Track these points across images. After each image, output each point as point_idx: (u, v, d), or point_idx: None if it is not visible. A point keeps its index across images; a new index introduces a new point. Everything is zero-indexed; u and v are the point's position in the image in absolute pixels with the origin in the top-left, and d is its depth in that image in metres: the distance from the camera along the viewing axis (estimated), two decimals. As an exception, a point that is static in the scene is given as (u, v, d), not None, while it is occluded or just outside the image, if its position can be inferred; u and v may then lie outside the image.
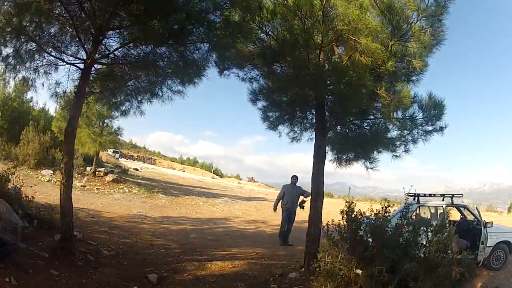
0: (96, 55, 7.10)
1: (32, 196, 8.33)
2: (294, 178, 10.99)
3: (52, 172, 19.15)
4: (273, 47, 6.92)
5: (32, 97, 26.69)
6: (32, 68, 7.80)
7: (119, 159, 42.92)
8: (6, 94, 24.97)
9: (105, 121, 22.01)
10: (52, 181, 17.33)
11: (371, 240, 5.07)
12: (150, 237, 10.35)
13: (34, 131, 20.79)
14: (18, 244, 5.58)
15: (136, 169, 34.93)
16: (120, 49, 7.52)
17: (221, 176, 61.42)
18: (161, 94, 8.28)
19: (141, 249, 8.66)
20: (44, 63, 7.72)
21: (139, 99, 8.75)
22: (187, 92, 8.29)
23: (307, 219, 7.12)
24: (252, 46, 7.39)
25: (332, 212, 6.44)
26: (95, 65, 7.57)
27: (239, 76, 8.11)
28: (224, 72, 7.98)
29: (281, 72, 7.41)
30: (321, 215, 7.00)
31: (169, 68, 7.61)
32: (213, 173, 61.49)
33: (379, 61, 5.99)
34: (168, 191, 22.58)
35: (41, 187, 12.26)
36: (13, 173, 8.35)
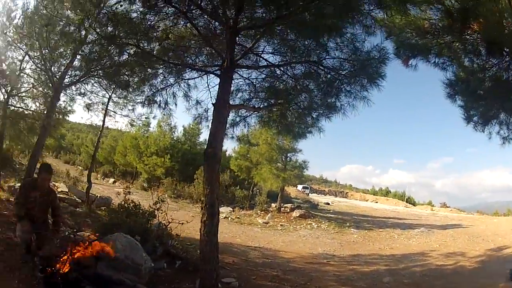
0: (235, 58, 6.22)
1: (176, 234, 7.95)
2: None
3: (231, 209, 19.67)
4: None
5: (205, 139, 28.93)
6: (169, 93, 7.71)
7: (309, 194, 42.79)
8: (175, 138, 27.70)
9: (288, 155, 21.67)
10: (229, 218, 17.69)
11: None
12: (333, 284, 8.43)
13: None
14: (137, 286, 5.03)
15: (327, 203, 34.16)
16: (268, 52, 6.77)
17: (414, 204, 57.56)
18: (339, 106, 6.89)
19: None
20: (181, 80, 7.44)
21: (313, 115, 7.45)
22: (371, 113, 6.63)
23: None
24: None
25: None
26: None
27: (429, 62, 6.74)
28: (410, 62, 6.73)
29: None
30: None
31: (342, 69, 6.42)
32: (406, 201, 58.28)
33: None
34: (361, 225, 20.68)
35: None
36: (159, 208, 7.99)
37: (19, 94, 12.20)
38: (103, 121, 13.62)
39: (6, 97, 11.77)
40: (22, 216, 5.03)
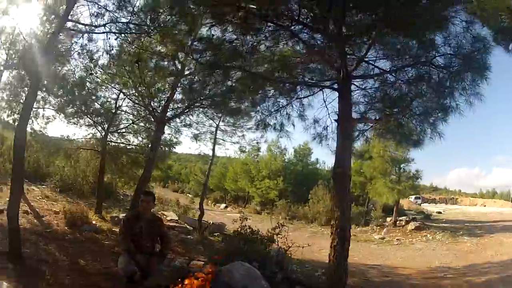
0: (350, 68, 5.93)
1: (297, 258, 7.81)
2: None
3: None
4: None
5: (317, 159, 30.25)
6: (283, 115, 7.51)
7: (421, 204, 41.26)
8: (287, 160, 27.69)
9: (401, 166, 21.19)
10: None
11: None
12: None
13: (324, 189, 21.93)
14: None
15: (439, 212, 33.13)
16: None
17: (521, 204, 51.98)
18: (454, 106, 6.41)
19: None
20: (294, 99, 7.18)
21: (431, 120, 6.94)
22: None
23: None
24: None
25: None
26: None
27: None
28: (510, 47, 5.85)
29: None
30: None
31: (451, 66, 5.98)
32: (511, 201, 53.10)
33: None
34: (472, 232, 19.38)
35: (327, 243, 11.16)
36: (278, 233, 7.68)
37: (119, 131, 12.84)
38: (213, 150, 14.02)
39: (104, 134, 12.39)
40: (127, 248, 4.94)
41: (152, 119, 10.46)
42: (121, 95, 12.33)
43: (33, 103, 5.97)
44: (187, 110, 10.45)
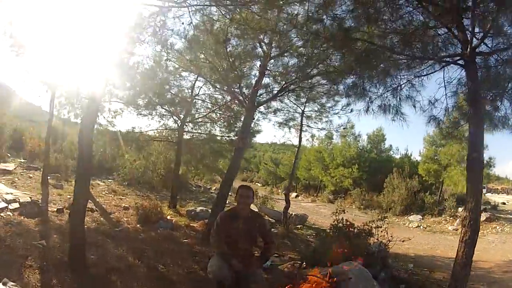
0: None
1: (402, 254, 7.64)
2: None
3: (421, 217, 18.91)
4: None
5: (390, 145, 29.49)
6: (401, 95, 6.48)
7: (485, 194, 38.95)
8: (361, 148, 26.79)
9: None
10: (421, 227, 16.71)
11: None
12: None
13: (399, 178, 21.26)
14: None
15: (504, 203, 30.30)
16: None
17: None
18: None
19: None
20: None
21: None
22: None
23: None
24: None
25: None
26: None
27: None
28: None
29: None
30: None
31: None
32: None
33: None
34: None
35: (409, 234, 10.58)
36: (379, 226, 7.22)
37: (195, 120, 12.29)
38: (299, 137, 13.10)
39: (180, 124, 11.90)
40: (221, 251, 4.22)
41: (242, 105, 9.57)
42: (198, 83, 11.82)
43: (98, 97, 5.20)
44: (282, 93, 9.48)
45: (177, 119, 11.99)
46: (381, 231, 7.18)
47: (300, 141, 13.26)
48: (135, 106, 11.93)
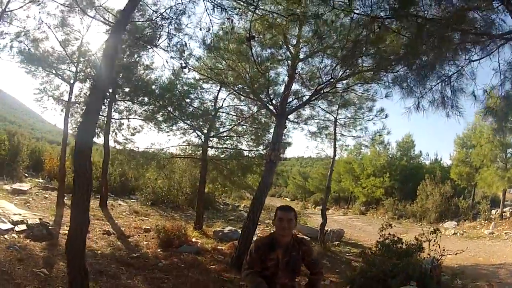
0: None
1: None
2: None
3: (456, 223, 18.13)
4: None
5: (420, 151, 28.54)
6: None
7: None
8: (390, 156, 25.86)
9: (508, 151, 18.50)
10: (457, 234, 15.85)
11: None
12: None
13: (431, 184, 20.52)
14: None
15: None
16: None
17: None
18: None
19: None
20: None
21: None
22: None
23: None
24: None
25: None
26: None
27: None
28: None
29: None
30: None
31: None
32: None
33: None
34: None
35: (447, 243, 9.41)
36: (429, 240, 6.71)
37: (220, 135, 11.61)
38: (334, 146, 12.54)
39: (204, 139, 11.17)
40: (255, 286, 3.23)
41: (271, 113, 8.62)
42: (221, 95, 11.20)
43: (97, 109, 4.36)
44: (314, 98, 8.51)
45: (200, 134, 11.31)
46: (433, 245, 6.68)
47: (335, 151, 12.66)
48: (156, 122, 11.48)
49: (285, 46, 7.81)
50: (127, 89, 11.42)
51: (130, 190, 16.20)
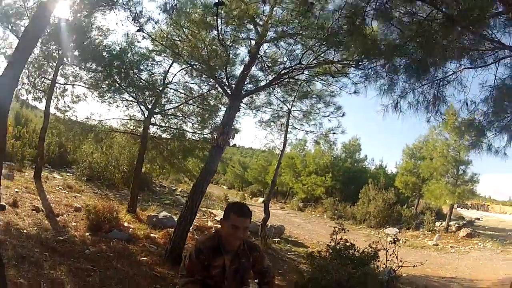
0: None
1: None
2: None
3: (397, 230, 18.35)
4: None
5: (366, 156, 29.59)
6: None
7: (457, 209, 39.27)
8: (334, 156, 26.34)
9: (460, 168, 19.06)
10: (400, 241, 15.01)
11: None
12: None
13: (375, 189, 21.05)
14: None
15: (478, 219, 30.47)
16: None
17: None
18: None
19: None
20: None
21: None
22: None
23: None
24: None
25: None
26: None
27: None
28: None
29: None
30: None
31: None
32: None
33: None
34: None
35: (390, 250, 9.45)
36: (387, 249, 6.33)
37: (165, 112, 10.77)
38: (285, 137, 12.16)
39: (147, 114, 10.31)
40: None
41: (226, 94, 7.77)
42: (172, 69, 10.46)
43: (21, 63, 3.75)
44: (274, 83, 7.93)
45: (144, 109, 10.44)
46: (390, 255, 6.30)
47: (285, 143, 12.34)
48: (100, 92, 10.68)
49: (252, 23, 7.13)
50: (76, 53, 10.38)
51: (68, 162, 15.32)
